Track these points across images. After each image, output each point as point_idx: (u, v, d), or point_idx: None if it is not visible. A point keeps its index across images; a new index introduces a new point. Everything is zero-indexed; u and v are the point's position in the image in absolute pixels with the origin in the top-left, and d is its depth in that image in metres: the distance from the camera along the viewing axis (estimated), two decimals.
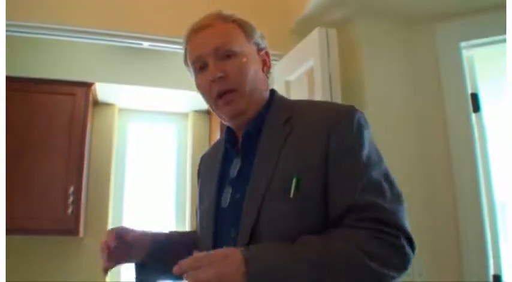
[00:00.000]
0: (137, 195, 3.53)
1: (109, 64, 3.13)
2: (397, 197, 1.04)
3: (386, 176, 1.05)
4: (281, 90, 2.37)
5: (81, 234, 2.96)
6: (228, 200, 1.13)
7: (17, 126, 2.84)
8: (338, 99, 1.99)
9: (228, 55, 1.12)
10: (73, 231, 2.87)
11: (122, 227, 1.20)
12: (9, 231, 2.74)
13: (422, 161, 2.10)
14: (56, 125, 2.92)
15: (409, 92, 2.18)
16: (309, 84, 2.12)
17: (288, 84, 2.35)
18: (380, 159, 1.08)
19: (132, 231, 1.20)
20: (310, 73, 2.12)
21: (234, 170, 1.16)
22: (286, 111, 1.13)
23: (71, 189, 2.86)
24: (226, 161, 1.20)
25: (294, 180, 1.01)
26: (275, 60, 2.51)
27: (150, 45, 2.40)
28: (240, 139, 1.17)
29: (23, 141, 2.84)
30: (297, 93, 2.26)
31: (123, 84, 3.17)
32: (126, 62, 3.11)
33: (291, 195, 1.00)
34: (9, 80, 2.86)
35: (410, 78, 2.20)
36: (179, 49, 1.34)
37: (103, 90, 3.26)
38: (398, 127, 2.12)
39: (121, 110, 3.56)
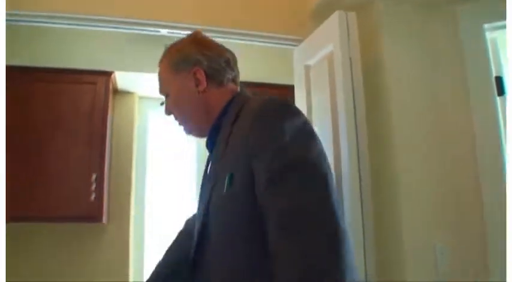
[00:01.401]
0: (159, 182, 3.56)
1: (128, 52, 3.14)
2: (310, 186, 1.01)
3: (304, 165, 1.04)
4: (301, 75, 2.37)
5: (104, 220, 3.01)
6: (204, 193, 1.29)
7: (40, 116, 2.89)
8: (359, 83, 1.96)
9: (167, 94, 1.38)
10: (96, 217, 2.91)
11: None
12: (33, 218, 2.83)
13: (445, 145, 2.07)
14: (78, 114, 2.95)
15: (431, 75, 2.14)
16: (329, 68, 2.10)
17: (307, 68, 2.32)
18: (302, 150, 1.06)
19: None
20: (330, 57, 2.09)
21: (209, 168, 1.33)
22: (236, 112, 1.23)
23: (94, 176, 2.90)
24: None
25: (227, 177, 1.11)
26: (294, 45, 2.49)
27: (168, 33, 2.40)
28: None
29: (46, 131, 2.88)
30: (317, 78, 2.24)
31: (142, 72, 3.18)
32: (144, 49, 3.11)
33: (225, 190, 1.11)
34: (32, 71, 2.92)
35: (432, 61, 2.15)
36: None
37: (122, 79, 3.28)
38: (420, 111, 2.09)
39: (141, 98, 3.58)
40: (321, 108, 2.16)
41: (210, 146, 1.32)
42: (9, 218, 2.84)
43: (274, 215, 1.00)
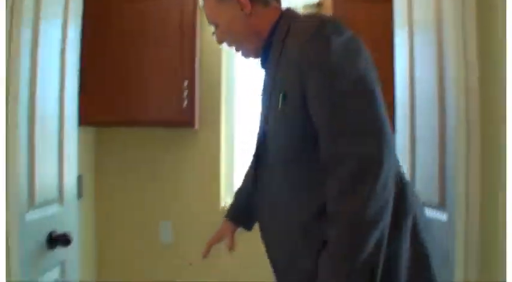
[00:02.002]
0: (246, 90, 3.55)
1: None
2: (360, 101, 1.16)
3: (354, 88, 1.17)
4: None
5: (196, 126, 3.13)
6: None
7: (130, 28, 2.95)
8: None
9: (216, 25, 1.45)
10: (189, 123, 3.04)
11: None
12: (127, 123, 3.01)
13: None
14: (168, 26, 2.97)
15: None
16: None
17: None
18: (351, 68, 1.18)
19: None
20: None
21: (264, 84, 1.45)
22: (284, 30, 1.33)
23: (185, 83, 2.97)
24: None
25: (281, 96, 1.25)
26: None
27: None
28: None
29: (137, 43, 2.96)
30: None
31: None
32: None
33: (279, 107, 1.26)
34: None
35: None
36: None
37: None
38: None
39: None
40: (425, 20, 1.96)
41: (263, 64, 1.44)
42: (103, 123, 3.06)
43: (327, 132, 1.17)
